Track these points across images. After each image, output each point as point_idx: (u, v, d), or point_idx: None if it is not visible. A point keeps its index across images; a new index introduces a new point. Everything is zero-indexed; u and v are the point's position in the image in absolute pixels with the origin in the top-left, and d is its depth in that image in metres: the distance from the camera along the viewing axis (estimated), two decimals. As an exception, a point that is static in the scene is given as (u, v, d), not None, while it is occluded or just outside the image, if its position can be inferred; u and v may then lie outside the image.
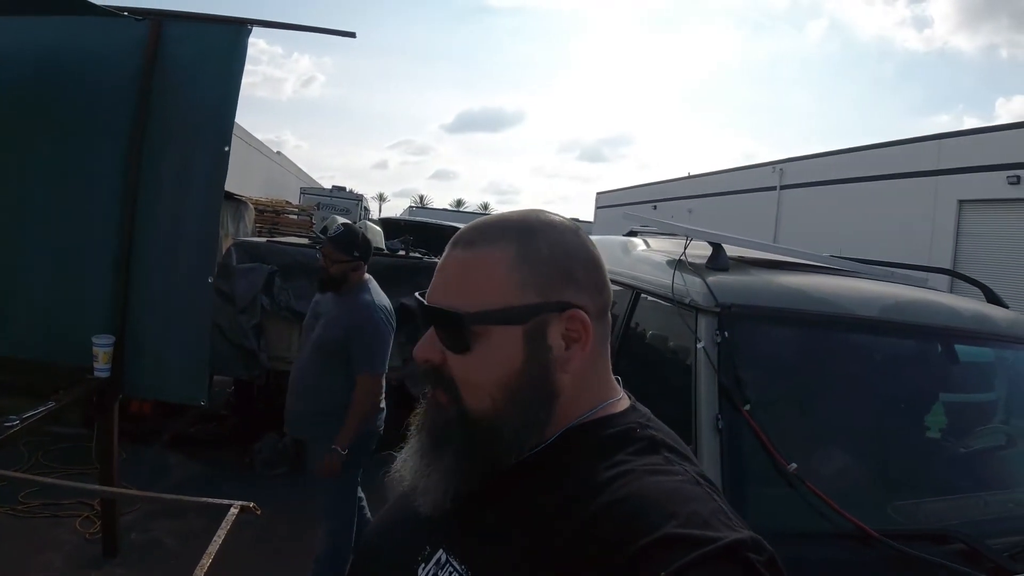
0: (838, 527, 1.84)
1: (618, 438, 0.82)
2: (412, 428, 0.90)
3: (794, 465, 1.89)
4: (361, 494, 3.66)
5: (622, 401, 0.89)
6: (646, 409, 0.90)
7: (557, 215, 0.89)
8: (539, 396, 0.82)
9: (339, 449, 3.32)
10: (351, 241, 3.51)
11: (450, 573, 0.80)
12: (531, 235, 0.84)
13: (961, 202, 20.65)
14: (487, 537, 0.80)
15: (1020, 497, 2.36)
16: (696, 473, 0.79)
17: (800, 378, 2.33)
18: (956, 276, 3.31)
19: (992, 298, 2.87)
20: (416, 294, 0.90)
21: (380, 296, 3.60)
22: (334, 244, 3.47)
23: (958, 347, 2.50)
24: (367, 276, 3.63)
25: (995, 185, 19.24)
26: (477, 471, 0.82)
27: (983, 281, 3.11)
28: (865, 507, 1.93)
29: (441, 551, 0.82)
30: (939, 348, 2.49)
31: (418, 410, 0.90)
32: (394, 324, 3.62)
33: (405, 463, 0.88)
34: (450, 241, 0.88)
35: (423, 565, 0.83)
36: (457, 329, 0.82)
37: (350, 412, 3.38)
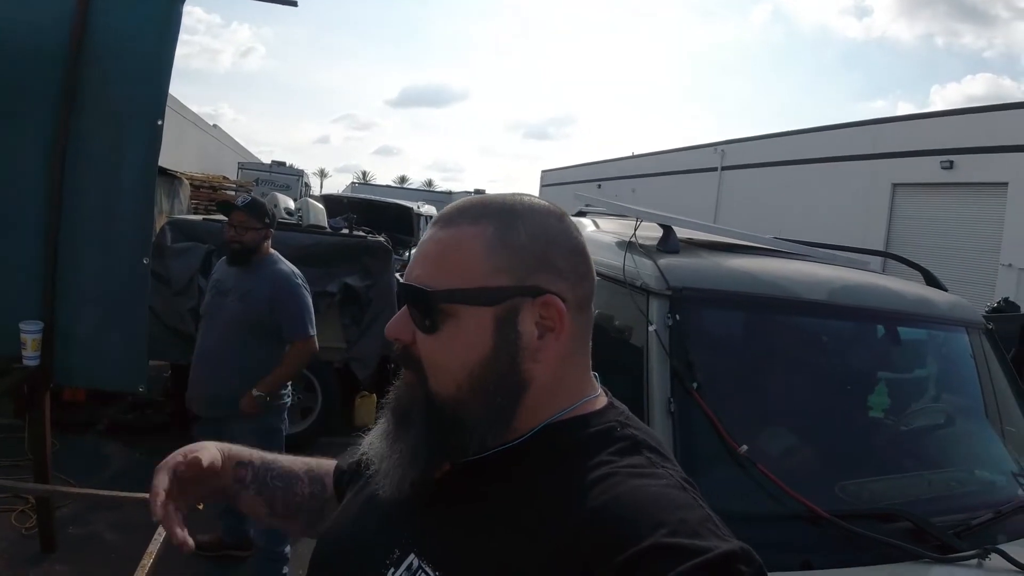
0: (788, 508, 1.86)
1: (599, 437, 0.80)
2: (383, 409, 0.87)
3: (744, 447, 1.90)
4: None
5: (600, 398, 0.86)
6: (623, 406, 0.88)
7: (543, 201, 0.87)
8: (506, 385, 0.79)
9: (260, 393, 3.33)
10: (261, 208, 3.53)
11: None
12: (511, 217, 0.82)
13: (895, 185, 21.33)
14: (462, 542, 0.77)
15: (960, 475, 2.44)
16: (680, 477, 0.77)
17: (750, 360, 2.36)
18: (897, 259, 3.39)
19: (932, 281, 2.95)
20: (396, 273, 0.86)
21: (291, 265, 3.60)
22: (247, 211, 3.45)
23: (903, 328, 2.56)
24: (273, 250, 3.61)
25: (929, 169, 19.91)
26: (437, 458, 0.80)
27: (917, 261, 3.20)
28: (814, 487, 1.96)
29: (412, 556, 0.78)
30: (883, 330, 2.55)
31: (389, 392, 0.87)
32: (309, 289, 3.62)
33: (371, 445, 0.85)
34: (433, 219, 0.86)
35: (392, 570, 0.79)
36: (426, 306, 0.79)
37: (281, 368, 3.41)
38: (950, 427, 2.66)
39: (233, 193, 12.99)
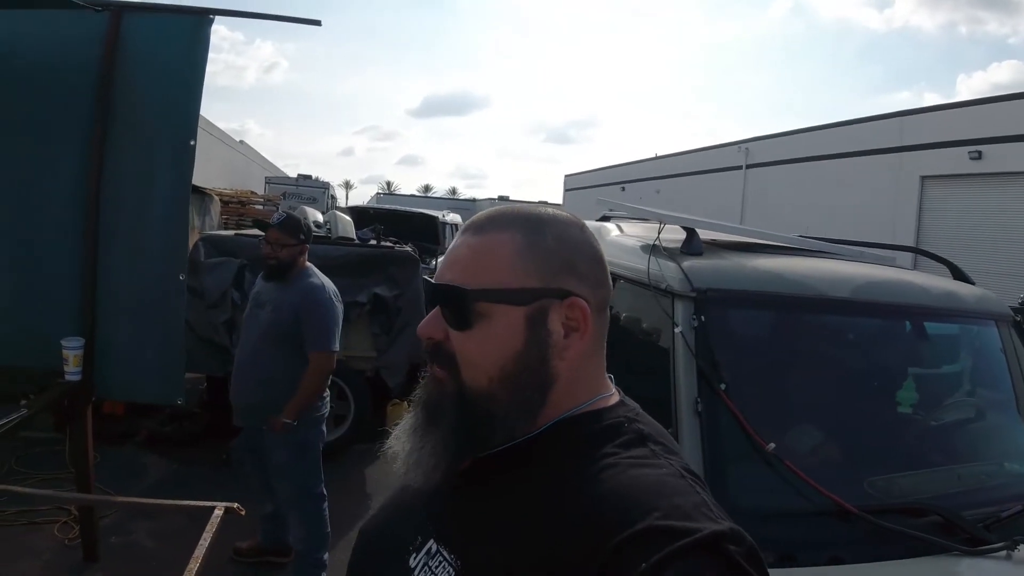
0: (818, 505, 1.88)
1: (607, 431, 0.84)
2: (411, 405, 0.92)
3: (772, 445, 1.92)
4: (324, 491, 3.69)
5: (613, 396, 0.91)
6: (635, 404, 0.92)
7: (564, 211, 0.93)
8: (535, 380, 0.84)
9: (288, 420, 3.39)
10: (296, 225, 3.60)
11: (440, 563, 0.81)
12: (538, 225, 0.88)
13: (924, 178, 21.00)
14: (477, 527, 0.81)
15: (990, 468, 2.43)
16: (681, 466, 0.81)
17: (776, 359, 2.37)
18: (923, 254, 3.37)
19: (958, 275, 2.93)
20: (424, 275, 0.92)
21: (325, 279, 3.67)
22: (281, 229, 3.53)
23: (930, 323, 2.56)
24: (308, 264, 3.68)
25: (957, 160, 19.58)
26: (467, 449, 0.85)
27: (948, 254, 3.19)
28: (843, 484, 1.98)
29: (432, 541, 0.84)
30: (910, 326, 2.55)
31: (418, 389, 0.92)
32: (341, 304, 3.69)
33: (398, 439, 0.90)
34: (462, 227, 0.91)
35: (414, 555, 0.85)
36: (461, 305, 0.84)
37: (302, 386, 3.46)
38: (979, 421, 2.65)
39: (261, 207, 13.18)
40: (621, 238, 3.08)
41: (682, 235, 2.49)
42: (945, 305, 2.55)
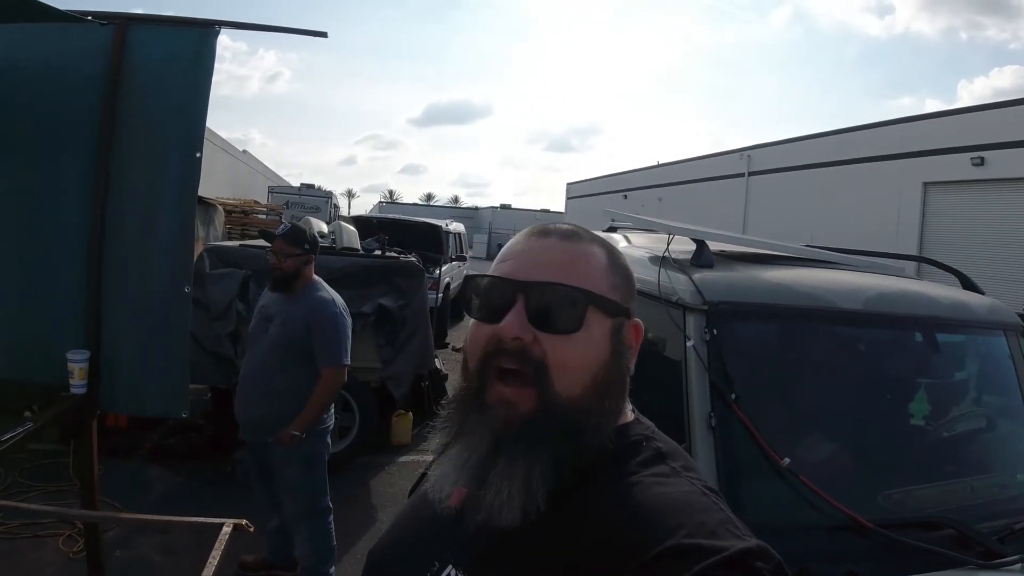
0: (833, 519, 1.86)
1: (627, 449, 0.85)
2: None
3: (787, 460, 1.91)
4: (330, 504, 3.66)
5: (628, 414, 0.92)
6: (649, 422, 0.93)
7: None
8: (619, 391, 0.87)
9: (297, 433, 3.38)
10: (300, 235, 3.60)
11: None
12: (614, 247, 0.94)
13: (926, 184, 20.99)
14: (497, 552, 0.80)
15: (1004, 480, 2.42)
16: (702, 484, 0.81)
17: (789, 372, 2.36)
18: (931, 263, 3.35)
19: (968, 285, 2.92)
20: (492, 271, 0.87)
21: (334, 293, 3.66)
22: (285, 239, 3.53)
23: (941, 334, 2.54)
24: (316, 277, 3.67)
25: (959, 167, 19.58)
26: (564, 472, 0.79)
27: (951, 261, 3.17)
28: (857, 497, 1.96)
29: (450, 567, 0.83)
30: (921, 337, 2.53)
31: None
32: (351, 318, 3.68)
33: (446, 477, 0.83)
34: (534, 232, 0.90)
35: None
36: (573, 306, 0.83)
37: (312, 400, 3.44)
38: (991, 431, 2.63)
39: (264, 217, 13.21)
40: (629, 249, 3.06)
41: (689, 246, 2.48)
42: (956, 316, 2.54)
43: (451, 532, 0.86)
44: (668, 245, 2.50)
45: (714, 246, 2.62)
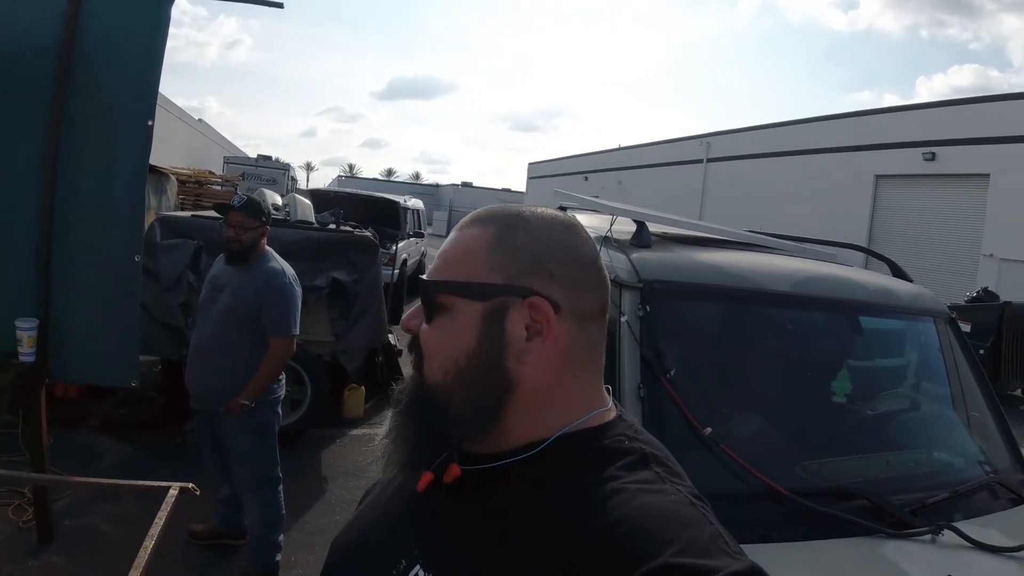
0: (751, 487, 1.96)
1: (608, 451, 0.80)
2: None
3: (709, 430, 2.01)
4: (280, 474, 3.72)
5: (610, 411, 0.86)
6: (633, 418, 0.88)
7: (558, 212, 0.89)
8: (489, 380, 0.80)
9: (247, 403, 3.42)
10: (258, 207, 3.61)
11: None
12: (516, 221, 0.84)
13: (878, 177, 21.48)
14: (469, 555, 0.77)
15: (920, 456, 2.55)
16: (689, 492, 0.76)
17: (717, 349, 2.47)
18: (865, 252, 3.50)
19: (898, 272, 3.06)
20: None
21: (284, 263, 3.69)
22: (244, 211, 3.53)
23: (866, 318, 2.68)
24: (268, 247, 3.70)
25: (911, 161, 20.06)
26: (429, 445, 0.82)
27: (898, 252, 3.32)
28: (776, 468, 2.07)
29: (418, 567, 0.80)
30: (845, 320, 2.66)
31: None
32: (300, 289, 3.71)
33: (383, 440, 0.87)
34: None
35: None
36: (425, 297, 0.84)
37: (260, 370, 3.47)
38: (912, 411, 2.78)
39: (219, 188, 13.02)
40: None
41: (632, 227, 2.57)
42: (881, 301, 2.66)
43: (416, 523, 0.85)
44: (611, 226, 2.59)
45: (656, 228, 2.71)
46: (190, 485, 2.33)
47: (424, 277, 0.86)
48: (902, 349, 3.01)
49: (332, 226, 6.63)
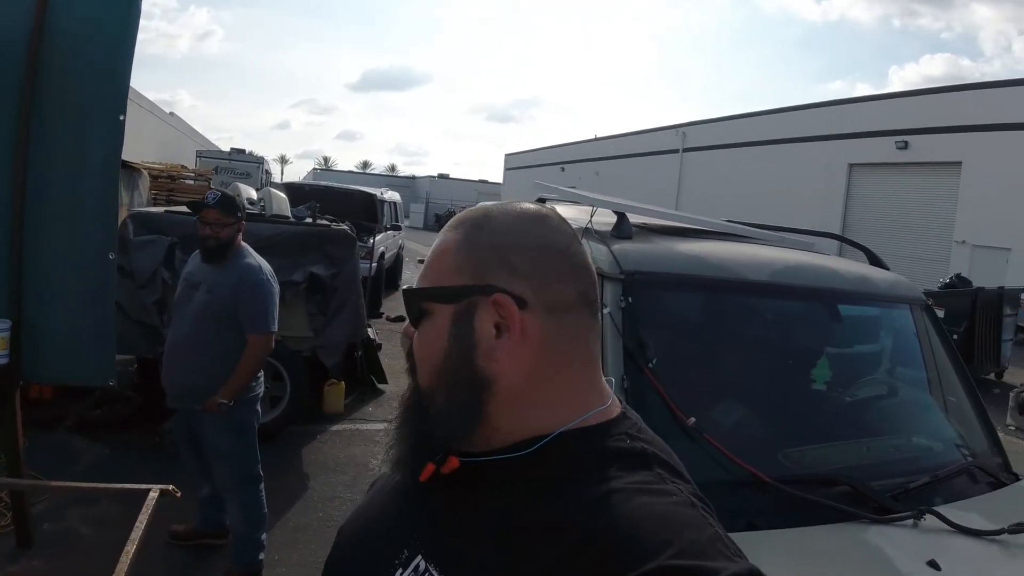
0: (735, 475, 1.98)
1: (608, 450, 0.79)
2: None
3: (692, 419, 2.02)
4: (260, 472, 3.69)
5: (611, 408, 0.85)
6: (636, 415, 0.87)
7: (531, 205, 0.88)
8: (461, 380, 0.80)
9: (225, 402, 3.39)
10: (234, 203, 3.56)
11: None
12: (483, 221, 0.85)
13: (852, 165, 21.73)
14: (469, 549, 0.77)
15: (899, 442, 2.58)
16: (691, 493, 0.75)
17: (699, 339, 2.49)
18: (842, 240, 3.54)
19: (874, 260, 3.09)
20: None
21: (260, 259, 3.64)
22: (220, 208, 3.48)
23: (845, 306, 2.70)
24: (243, 243, 3.65)
25: (885, 150, 20.31)
26: (422, 446, 0.83)
27: (872, 240, 3.35)
28: (759, 456, 2.08)
29: (420, 557, 0.80)
30: (824, 308, 2.69)
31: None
32: (278, 285, 3.67)
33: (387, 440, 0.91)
34: None
35: (400, 570, 0.81)
36: (408, 304, 0.86)
37: (239, 368, 3.44)
38: (891, 398, 2.80)
39: (192, 182, 12.86)
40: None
41: (612, 218, 2.57)
42: (859, 289, 2.69)
43: (417, 515, 0.85)
44: (591, 217, 2.59)
45: (636, 219, 2.71)
46: (170, 487, 2.30)
47: (405, 286, 0.88)
48: (880, 336, 3.04)
49: (308, 220, 6.58)
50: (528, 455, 0.79)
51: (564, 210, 3.41)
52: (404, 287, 0.83)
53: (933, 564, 1.78)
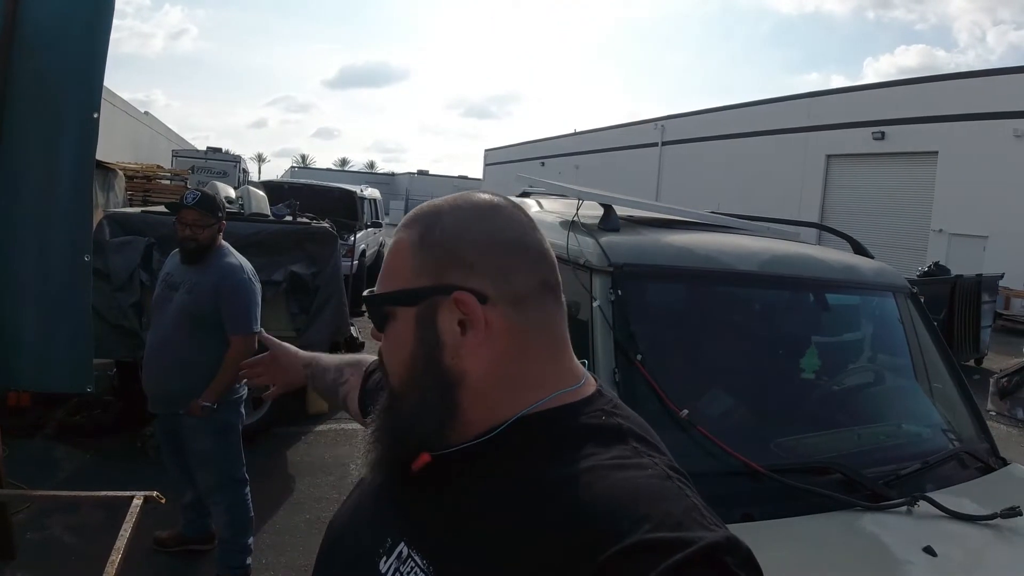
0: (729, 465, 1.97)
1: (584, 428, 0.79)
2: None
3: (686, 411, 2.01)
4: (245, 475, 3.64)
5: (584, 387, 0.85)
6: (612, 393, 0.88)
7: (484, 195, 0.87)
8: (430, 381, 0.81)
9: (208, 404, 3.33)
10: (213, 202, 3.48)
11: (412, 568, 0.78)
12: (435, 218, 0.84)
13: (829, 156, 21.92)
14: (450, 533, 0.77)
15: (889, 429, 2.59)
16: (666, 465, 0.76)
17: (689, 330, 2.48)
18: (826, 230, 3.54)
19: (859, 249, 3.09)
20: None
21: (241, 258, 3.58)
22: (200, 209, 3.40)
23: (832, 295, 2.70)
24: (223, 242, 3.58)
25: (861, 140, 20.50)
26: (395, 448, 0.84)
27: (850, 230, 3.36)
28: (752, 445, 2.08)
29: (403, 544, 0.81)
30: (812, 297, 2.69)
31: None
32: (259, 284, 3.61)
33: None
34: None
35: (384, 558, 0.81)
36: (372, 311, 0.86)
37: (222, 370, 3.37)
38: (880, 385, 2.82)
39: (169, 182, 12.70)
40: (541, 214, 3.12)
41: (598, 211, 2.55)
42: (845, 277, 2.70)
43: (398, 506, 0.85)
44: (578, 210, 2.56)
45: (622, 211, 2.69)
46: (154, 493, 2.25)
47: (366, 293, 0.86)
48: (867, 324, 3.05)
49: (288, 218, 6.49)
50: (487, 441, 0.80)
51: (550, 203, 3.39)
52: (364, 293, 0.80)
53: (929, 550, 1.79)
